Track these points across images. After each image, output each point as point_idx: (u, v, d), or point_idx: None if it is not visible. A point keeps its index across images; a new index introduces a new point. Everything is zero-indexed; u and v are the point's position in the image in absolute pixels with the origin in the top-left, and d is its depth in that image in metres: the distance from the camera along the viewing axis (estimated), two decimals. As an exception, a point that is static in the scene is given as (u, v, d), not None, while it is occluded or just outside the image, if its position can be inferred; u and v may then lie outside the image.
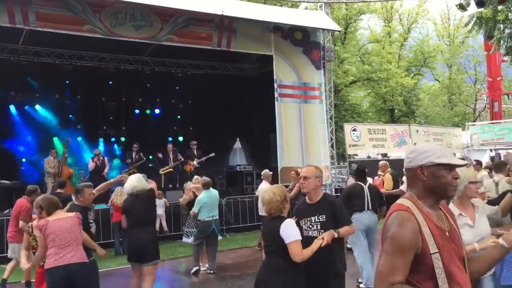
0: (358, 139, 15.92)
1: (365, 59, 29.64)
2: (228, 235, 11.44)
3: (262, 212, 7.71)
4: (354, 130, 16.15)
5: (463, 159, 7.75)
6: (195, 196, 8.45)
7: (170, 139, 16.24)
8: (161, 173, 13.76)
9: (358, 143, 15.95)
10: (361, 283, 6.63)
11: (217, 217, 8.21)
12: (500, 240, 2.10)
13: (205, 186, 8.22)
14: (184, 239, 8.97)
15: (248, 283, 7.07)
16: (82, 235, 4.84)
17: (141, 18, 12.08)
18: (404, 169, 2.18)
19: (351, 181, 9.11)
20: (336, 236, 3.93)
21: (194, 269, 8.11)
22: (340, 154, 20.33)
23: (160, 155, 13.92)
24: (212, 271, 8.09)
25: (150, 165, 14.28)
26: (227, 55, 14.51)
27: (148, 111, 16.73)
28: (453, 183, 2.06)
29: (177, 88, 16.67)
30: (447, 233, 2.04)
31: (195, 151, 14.20)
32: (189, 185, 9.54)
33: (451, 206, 3.57)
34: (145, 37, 12.28)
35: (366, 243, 6.61)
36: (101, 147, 15.26)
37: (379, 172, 10.96)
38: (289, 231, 3.72)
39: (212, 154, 14.17)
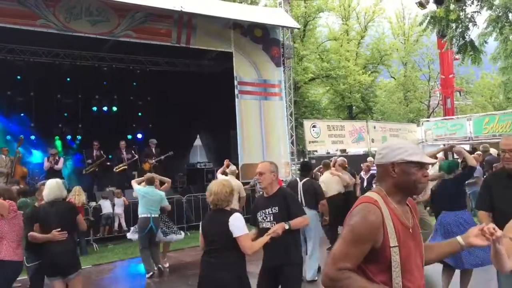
0: (318, 135, 16.15)
1: (324, 57, 30.03)
2: (189, 233, 11.36)
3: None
4: (314, 126, 16.37)
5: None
6: None
7: (129, 137, 15.99)
8: (115, 170, 13.55)
9: (318, 139, 16.19)
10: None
11: (156, 215, 7.88)
12: (459, 238, 2.15)
13: (148, 182, 8.01)
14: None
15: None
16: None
17: (97, 13, 11.80)
18: (375, 164, 2.24)
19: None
20: (287, 227, 4.03)
21: (149, 274, 7.73)
22: (300, 151, 20.55)
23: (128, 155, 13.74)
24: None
25: (108, 163, 14.01)
26: (187, 52, 14.37)
27: (105, 108, 16.36)
28: (422, 180, 2.10)
29: (136, 84, 16.39)
30: (410, 230, 2.08)
31: (153, 149, 14.04)
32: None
33: None
34: (101, 32, 12.01)
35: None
36: (57, 145, 14.81)
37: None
38: (238, 224, 3.78)
39: (171, 153, 14.04)
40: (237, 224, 3.76)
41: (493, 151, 11.16)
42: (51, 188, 5.17)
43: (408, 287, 2.01)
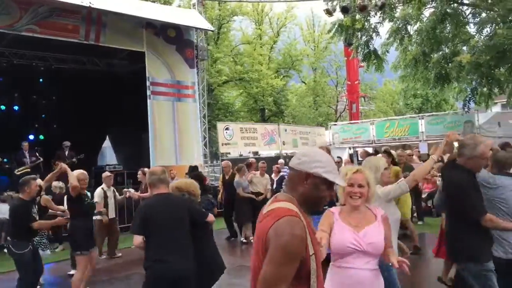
0: (231, 137, 16.26)
1: (238, 60, 30.33)
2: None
3: None
4: (227, 129, 16.46)
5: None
6: None
7: (32, 137, 15.01)
8: (17, 173, 12.64)
9: (231, 141, 16.29)
10: None
11: None
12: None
13: None
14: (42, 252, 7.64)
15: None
16: None
17: (-4, 5, 10.97)
18: (289, 167, 2.14)
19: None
20: None
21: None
22: (213, 153, 20.57)
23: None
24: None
25: (7, 166, 13.04)
26: (97, 50, 13.80)
27: (3, 107, 15.21)
28: (327, 199, 2.10)
29: (40, 82, 15.44)
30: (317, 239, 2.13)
31: (66, 152, 13.33)
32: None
33: None
34: (1, 26, 11.17)
35: None
36: None
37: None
38: None
39: (82, 156, 13.41)
40: None
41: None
42: None
43: None
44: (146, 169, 8.85)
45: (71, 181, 6.05)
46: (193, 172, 9.46)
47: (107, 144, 17.99)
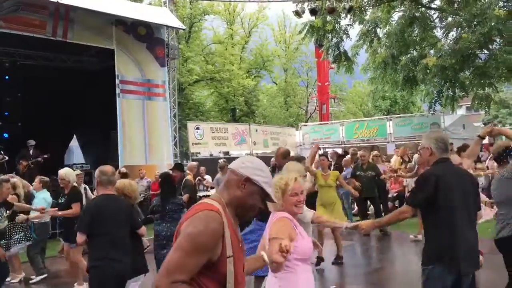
0: (201, 137, 16.16)
1: (209, 59, 30.20)
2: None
3: None
4: (198, 128, 16.36)
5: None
6: None
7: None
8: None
9: (201, 141, 16.19)
10: None
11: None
12: (264, 255, 2.28)
13: (45, 185, 7.80)
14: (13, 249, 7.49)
15: None
16: None
17: (-42, -2, 10.61)
18: (229, 168, 2.15)
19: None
20: None
21: (40, 278, 7.36)
22: (183, 152, 20.42)
23: None
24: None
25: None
26: (65, 46, 13.51)
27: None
28: (255, 210, 2.13)
29: (5, 79, 14.99)
30: (240, 244, 2.09)
31: (31, 151, 12.95)
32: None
33: None
34: (-37, 19, 10.84)
35: None
36: None
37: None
38: None
39: (47, 155, 13.07)
40: None
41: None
42: None
43: None
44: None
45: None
46: (178, 168, 9.19)
47: (74, 143, 17.62)
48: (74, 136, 17.47)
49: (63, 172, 6.77)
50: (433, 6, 14.27)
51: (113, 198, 4.29)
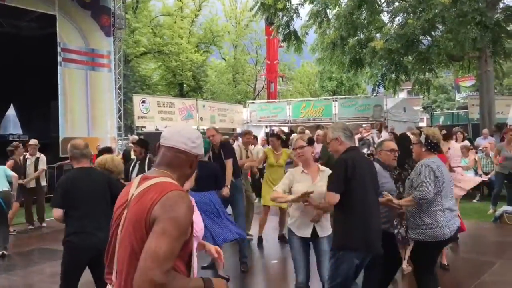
0: (147, 111, 15.86)
1: (157, 31, 29.47)
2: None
3: None
4: (143, 102, 16.01)
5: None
6: None
7: None
8: None
9: (147, 115, 15.89)
10: None
11: (6, 189, 7.29)
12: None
13: None
14: None
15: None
16: None
17: None
18: (177, 149, 1.96)
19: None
20: None
21: None
22: (128, 126, 19.97)
23: None
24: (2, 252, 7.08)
25: None
26: (2, 10, 12.70)
27: None
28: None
29: None
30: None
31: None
32: None
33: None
34: None
35: None
36: None
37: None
38: None
39: None
40: None
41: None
42: None
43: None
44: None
45: None
46: (139, 144, 8.84)
47: (11, 111, 16.75)
48: (11, 105, 16.59)
49: None
50: (381, -11, 14.60)
51: (86, 171, 4.18)
